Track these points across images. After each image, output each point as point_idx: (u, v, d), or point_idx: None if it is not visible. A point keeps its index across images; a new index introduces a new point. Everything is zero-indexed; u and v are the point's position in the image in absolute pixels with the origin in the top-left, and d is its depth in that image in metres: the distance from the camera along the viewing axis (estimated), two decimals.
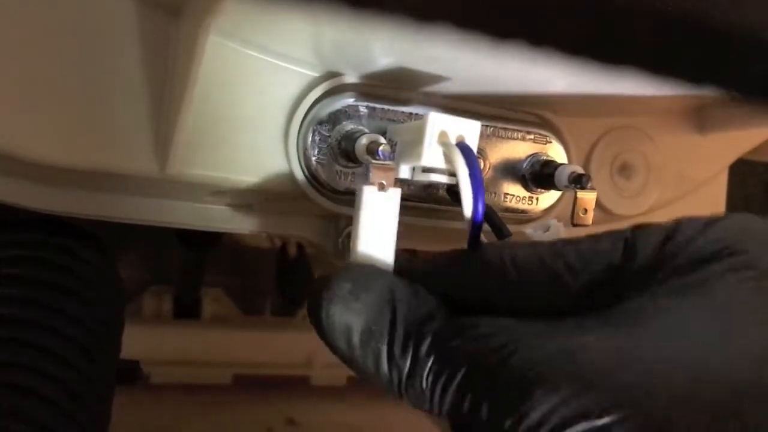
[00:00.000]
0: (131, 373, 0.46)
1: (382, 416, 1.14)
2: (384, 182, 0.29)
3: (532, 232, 0.31)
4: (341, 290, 0.25)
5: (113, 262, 0.49)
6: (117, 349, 0.47)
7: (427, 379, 0.22)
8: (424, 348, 0.23)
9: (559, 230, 0.31)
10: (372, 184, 0.29)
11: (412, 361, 0.23)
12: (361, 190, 0.29)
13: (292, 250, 1.14)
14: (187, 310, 1.17)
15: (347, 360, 0.25)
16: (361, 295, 0.25)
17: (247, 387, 1.10)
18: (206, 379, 1.10)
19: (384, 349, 0.23)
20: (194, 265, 1.13)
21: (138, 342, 1.05)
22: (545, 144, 0.38)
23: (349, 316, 0.24)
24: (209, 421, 1.02)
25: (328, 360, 1.21)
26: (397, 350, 0.23)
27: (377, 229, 0.29)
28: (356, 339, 0.24)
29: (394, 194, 0.29)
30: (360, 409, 1.13)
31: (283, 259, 1.15)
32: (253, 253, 1.18)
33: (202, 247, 1.10)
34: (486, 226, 0.33)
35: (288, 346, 1.15)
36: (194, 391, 1.07)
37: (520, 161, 0.37)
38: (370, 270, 0.27)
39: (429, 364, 0.23)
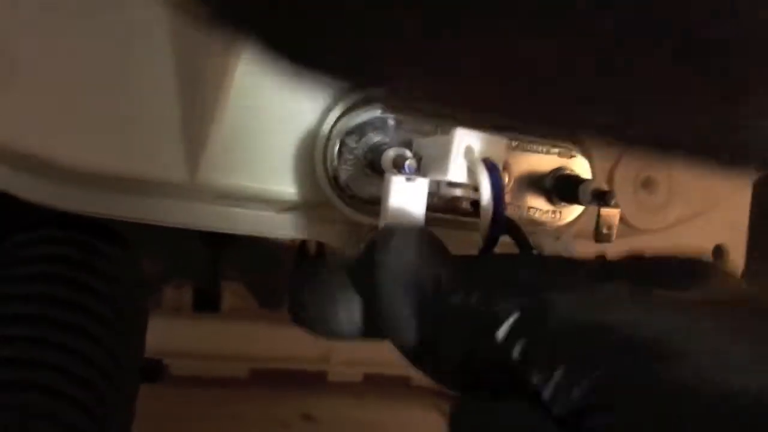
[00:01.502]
0: (154, 372, 0.47)
1: (399, 413, 1.14)
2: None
3: (390, 174, 0.31)
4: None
5: (137, 260, 0.50)
6: (141, 348, 0.48)
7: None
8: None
9: (569, 241, 0.31)
10: (399, 174, 0.30)
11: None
12: (389, 179, 0.29)
13: (312, 246, 1.15)
14: (206, 303, 1.18)
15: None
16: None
17: (264, 381, 1.11)
18: (223, 372, 1.11)
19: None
20: (214, 259, 1.14)
21: (157, 334, 1.06)
22: (569, 158, 0.38)
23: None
24: (225, 414, 1.03)
25: (345, 356, 1.22)
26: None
27: (405, 219, 0.30)
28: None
29: (422, 183, 0.30)
30: (377, 406, 1.13)
31: (303, 254, 1.16)
32: (273, 248, 1.18)
33: (222, 240, 1.11)
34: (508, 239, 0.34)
35: (305, 341, 1.15)
36: (211, 384, 1.08)
37: (544, 174, 0.38)
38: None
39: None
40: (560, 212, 0.38)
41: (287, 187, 0.35)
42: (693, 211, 0.42)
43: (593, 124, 0.21)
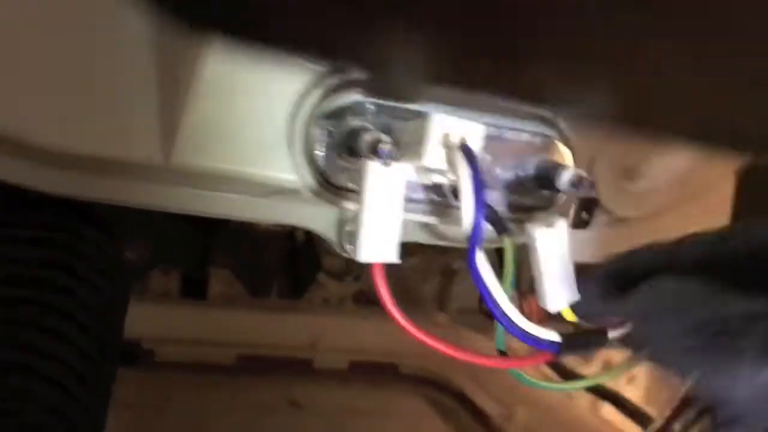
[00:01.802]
0: (132, 355, 0.47)
1: (385, 400, 1.15)
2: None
3: (533, 226, 0.31)
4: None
5: (119, 244, 0.49)
6: (120, 331, 0.48)
7: None
8: None
9: (564, 227, 0.31)
10: (376, 159, 0.30)
11: None
12: (365, 164, 0.29)
13: (301, 234, 1.15)
14: (194, 290, 1.18)
15: None
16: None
17: (250, 367, 1.11)
18: (210, 358, 1.11)
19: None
20: (202, 245, 1.13)
21: (144, 319, 1.07)
22: (550, 145, 0.38)
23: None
24: (212, 400, 1.03)
25: (332, 343, 1.22)
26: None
27: (383, 203, 0.30)
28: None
29: (399, 169, 0.30)
30: (362, 393, 1.14)
31: (292, 242, 1.16)
32: (262, 235, 1.18)
33: (210, 227, 1.11)
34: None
35: (293, 328, 1.16)
36: (198, 370, 1.08)
37: (524, 162, 0.37)
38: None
39: None
40: (540, 199, 0.38)
41: (265, 171, 0.35)
42: (675, 200, 0.42)
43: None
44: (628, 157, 0.41)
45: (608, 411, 1.01)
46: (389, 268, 0.31)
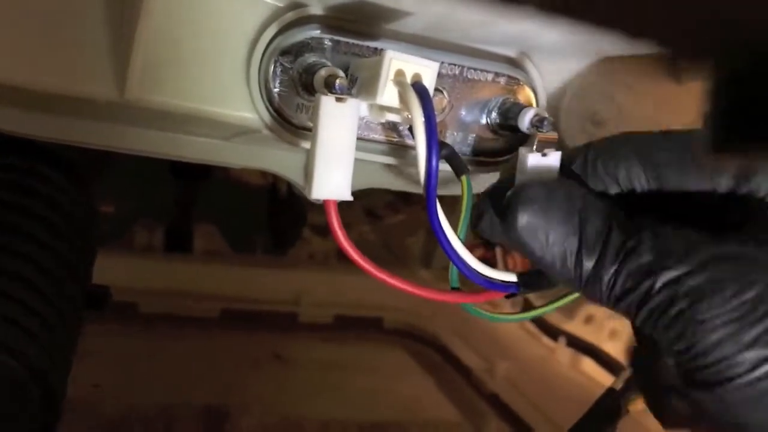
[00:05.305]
0: (101, 299, 0.47)
1: (369, 354, 1.16)
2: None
3: (526, 151, 0.30)
4: (538, 197, 0.28)
5: (87, 190, 0.49)
6: (87, 276, 0.48)
7: (609, 280, 0.27)
8: (608, 256, 0.27)
9: (558, 160, 0.30)
10: (329, 94, 0.29)
11: (595, 266, 0.27)
12: (319, 99, 0.29)
13: (284, 189, 1.14)
14: (178, 244, 1.18)
15: (534, 256, 0.28)
16: (554, 204, 0.28)
17: (234, 321, 1.12)
18: (195, 312, 1.11)
19: (573, 251, 0.27)
20: (186, 198, 1.13)
21: (128, 272, 1.07)
22: (514, 87, 0.37)
23: (542, 220, 0.28)
24: (197, 353, 1.04)
25: (317, 298, 1.22)
26: (584, 254, 0.27)
27: (337, 139, 0.29)
28: (549, 239, 0.28)
29: (352, 105, 0.29)
30: (345, 347, 1.15)
31: (274, 196, 1.15)
32: (246, 190, 1.18)
33: (194, 179, 1.10)
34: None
35: (277, 283, 1.16)
36: (182, 323, 1.09)
37: (487, 102, 0.37)
38: (562, 181, 0.30)
39: (612, 270, 0.27)
40: (502, 140, 0.38)
41: (222, 109, 0.34)
42: None
43: None
44: (593, 100, 0.40)
45: (588, 365, 1.02)
46: (374, 225, 0.30)
